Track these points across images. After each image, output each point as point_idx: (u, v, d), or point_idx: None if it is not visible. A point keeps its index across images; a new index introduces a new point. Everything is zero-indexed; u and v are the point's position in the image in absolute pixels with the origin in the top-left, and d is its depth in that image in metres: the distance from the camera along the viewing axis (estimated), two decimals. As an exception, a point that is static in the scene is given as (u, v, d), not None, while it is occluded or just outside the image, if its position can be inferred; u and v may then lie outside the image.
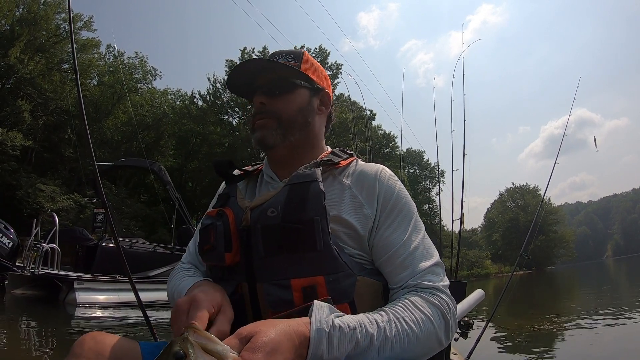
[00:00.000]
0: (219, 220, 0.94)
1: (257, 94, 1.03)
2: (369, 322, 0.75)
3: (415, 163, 52.81)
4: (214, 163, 1.13)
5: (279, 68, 1.02)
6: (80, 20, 25.86)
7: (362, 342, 0.72)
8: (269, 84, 1.03)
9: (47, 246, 8.17)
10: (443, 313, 0.83)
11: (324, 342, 0.68)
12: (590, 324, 6.67)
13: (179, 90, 34.41)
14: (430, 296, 0.84)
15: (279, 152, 1.02)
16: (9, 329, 5.45)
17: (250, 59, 1.03)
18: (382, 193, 0.95)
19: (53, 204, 18.55)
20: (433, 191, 50.85)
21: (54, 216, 8.85)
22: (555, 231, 63.14)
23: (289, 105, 1.02)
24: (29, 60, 22.37)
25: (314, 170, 0.92)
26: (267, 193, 0.96)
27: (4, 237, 8.38)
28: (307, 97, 1.05)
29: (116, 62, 28.98)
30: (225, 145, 29.57)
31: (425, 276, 0.87)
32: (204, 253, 0.95)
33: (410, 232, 0.92)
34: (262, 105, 1.01)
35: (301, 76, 1.04)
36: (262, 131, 1.01)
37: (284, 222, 0.85)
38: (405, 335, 0.77)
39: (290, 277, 0.83)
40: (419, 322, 0.79)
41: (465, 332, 1.93)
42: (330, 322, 0.71)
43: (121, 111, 27.74)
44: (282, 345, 0.64)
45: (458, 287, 1.74)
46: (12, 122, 21.43)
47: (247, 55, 30.95)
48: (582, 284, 21.99)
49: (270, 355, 0.61)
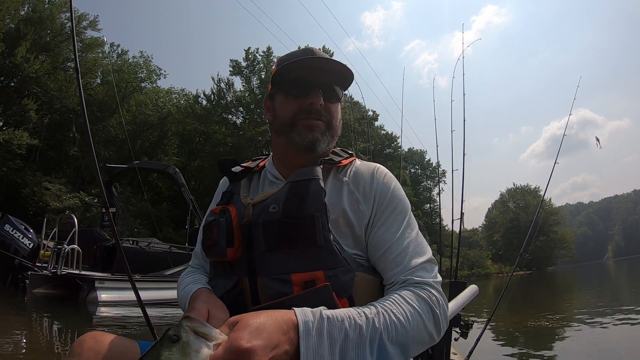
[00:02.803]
0: (222, 216, 0.95)
1: (316, 92, 0.99)
2: (357, 314, 0.76)
3: (416, 163, 52.88)
4: (218, 162, 1.13)
5: (339, 74, 1.03)
6: (85, 19, 25.96)
7: (351, 334, 0.73)
8: (327, 87, 1.01)
9: (68, 247, 8.44)
10: (432, 307, 0.83)
11: (313, 332, 0.70)
12: (590, 324, 6.72)
13: (183, 89, 34.63)
14: (419, 290, 0.85)
15: (313, 156, 1.00)
16: (31, 327, 5.62)
17: (331, 59, 1.01)
18: (377, 191, 0.97)
19: (59, 202, 18.68)
20: (434, 191, 51.03)
21: (73, 218, 9.14)
22: (556, 232, 63.00)
23: (336, 114, 1.04)
24: (35, 59, 22.51)
25: (315, 169, 0.95)
26: (269, 190, 0.99)
27: (24, 238, 8.59)
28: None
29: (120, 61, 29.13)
30: (228, 145, 29.65)
31: (416, 272, 0.87)
32: (207, 249, 0.97)
33: (404, 229, 0.93)
34: (322, 106, 1.00)
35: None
36: (317, 133, 0.99)
37: (285, 218, 0.86)
38: (393, 327, 0.77)
39: (290, 272, 0.84)
40: (407, 315, 0.80)
41: (465, 332, 1.91)
42: (317, 312, 0.73)
43: (125, 110, 27.89)
44: (267, 326, 0.66)
45: (458, 287, 1.82)
46: (18, 120, 21.56)
47: (252, 56, 30.99)
48: (582, 285, 21.98)
49: (256, 334, 0.64)
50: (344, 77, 1.04)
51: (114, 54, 29.84)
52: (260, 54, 31.02)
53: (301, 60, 0.99)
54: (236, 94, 31.08)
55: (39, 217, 16.35)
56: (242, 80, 31.40)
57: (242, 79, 31.32)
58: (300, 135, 0.99)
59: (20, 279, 8.20)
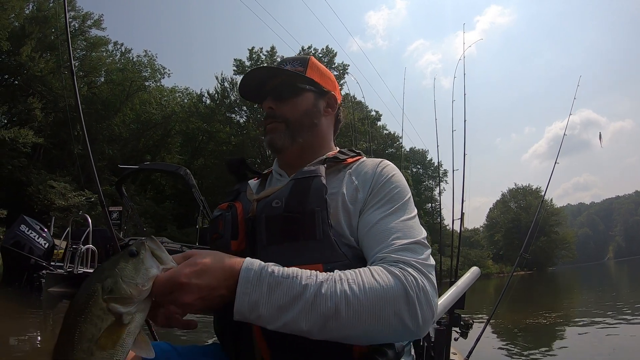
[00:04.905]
0: (228, 211, 0.99)
1: (267, 99, 1.08)
2: (308, 275, 0.74)
3: (418, 162, 52.84)
4: (226, 162, 1.18)
5: (285, 74, 1.08)
6: (90, 18, 26.09)
7: (293, 291, 0.71)
8: (276, 90, 1.07)
9: (84, 247, 8.63)
10: (405, 287, 0.75)
11: (253, 280, 0.71)
12: (589, 324, 6.77)
13: (186, 88, 34.69)
14: (393, 268, 0.78)
15: (288, 154, 1.08)
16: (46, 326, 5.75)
17: (258, 67, 1.10)
18: (375, 178, 0.97)
19: (64, 200, 18.81)
20: (436, 191, 50.94)
21: (87, 218, 9.31)
22: (557, 232, 62.87)
23: (295, 109, 1.06)
24: (40, 58, 22.64)
25: (318, 167, 0.96)
26: (273, 187, 1.02)
27: (39, 238, 8.75)
28: (313, 100, 1.09)
29: (124, 60, 29.21)
30: (232, 144, 29.76)
31: (398, 251, 0.82)
32: (213, 242, 1.00)
33: (393, 212, 0.90)
34: (271, 109, 1.07)
35: (306, 80, 1.08)
36: (272, 134, 1.06)
37: (287, 212, 0.88)
38: (343, 296, 0.72)
39: (290, 265, 0.82)
40: (364, 287, 0.74)
41: (466, 332, 1.89)
42: (264, 265, 0.74)
43: (129, 108, 28.02)
44: (211, 269, 0.70)
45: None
46: (23, 119, 21.70)
47: (255, 55, 31.09)
48: (582, 285, 22.04)
49: (197, 274, 0.69)
50: (292, 73, 1.07)
51: (117, 53, 30.01)
52: (264, 53, 31.14)
53: (245, 78, 1.10)
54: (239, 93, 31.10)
55: (44, 215, 16.46)
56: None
57: (246, 78, 31.39)
58: (265, 140, 1.10)
59: (35, 278, 8.36)
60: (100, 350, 0.62)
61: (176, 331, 0.70)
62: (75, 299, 0.65)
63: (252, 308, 0.70)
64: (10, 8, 21.82)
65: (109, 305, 0.63)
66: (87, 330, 0.62)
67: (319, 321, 0.71)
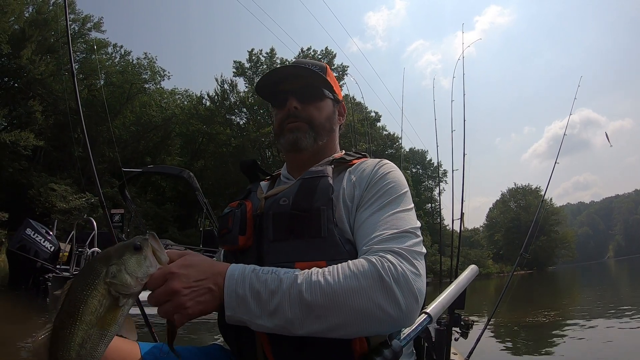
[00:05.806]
0: (238, 208, 1.02)
1: (289, 98, 1.08)
2: (285, 270, 0.79)
3: (418, 163, 52.89)
4: (240, 163, 1.23)
5: (310, 75, 1.09)
6: (90, 21, 26.12)
7: (272, 285, 0.76)
8: (301, 90, 1.09)
9: (90, 250, 8.64)
10: (379, 273, 0.76)
11: (237, 276, 0.78)
12: (590, 324, 6.77)
13: (186, 90, 34.81)
14: (371, 256, 0.80)
15: (306, 154, 1.09)
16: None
17: (285, 66, 1.12)
18: (371, 176, 0.99)
19: (65, 203, 18.83)
20: (435, 191, 50.96)
21: (92, 222, 9.35)
22: (557, 231, 62.81)
23: (320, 113, 1.10)
24: (40, 61, 22.67)
25: (326, 167, 0.99)
26: (282, 186, 1.06)
27: (45, 242, 8.79)
28: (332, 106, 1.15)
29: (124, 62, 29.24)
30: (232, 146, 29.78)
31: (381, 242, 0.84)
32: (221, 237, 1.03)
33: (383, 206, 0.92)
34: (296, 109, 1.08)
35: (327, 86, 1.12)
36: (297, 133, 1.07)
37: (293, 210, 0.91)
38: (317, 286, 0.75)
39: (294, 261, 0.86)
40: (337, 277, 0.76)
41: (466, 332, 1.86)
42: (247, 265, 0.81)
43: (129, 110, 28.04)
44: (200, 265, 0.77)
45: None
46: (24, 122, 21.71)
47: (255, 57, 31.16)
48: (582, 284, 22.05)
49: (186, 267, 0.76)
50: (316, 75, 1.09)
51: (117, 55, 30.04)
52: (263, 55, 31.26)
53: (270, 74, 1.13)
54: (240, 95, 31.18)
55: (45, 217, 16.50)
56: (246, 82, 31.53)
57: (246, 80, 31.44)
58: (285, 138, 1.09)
59: (41, 282, 8.36)
60: (100, 324, 0.69)
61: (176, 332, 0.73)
62: (82, 276, 0.71)
63: (239, 302, 0.76)
64: (10, 11, 21.85)
65: (109, 287, 0.70)
66: (91, 304, 0.68)
67: (299, 313, 0.75)
